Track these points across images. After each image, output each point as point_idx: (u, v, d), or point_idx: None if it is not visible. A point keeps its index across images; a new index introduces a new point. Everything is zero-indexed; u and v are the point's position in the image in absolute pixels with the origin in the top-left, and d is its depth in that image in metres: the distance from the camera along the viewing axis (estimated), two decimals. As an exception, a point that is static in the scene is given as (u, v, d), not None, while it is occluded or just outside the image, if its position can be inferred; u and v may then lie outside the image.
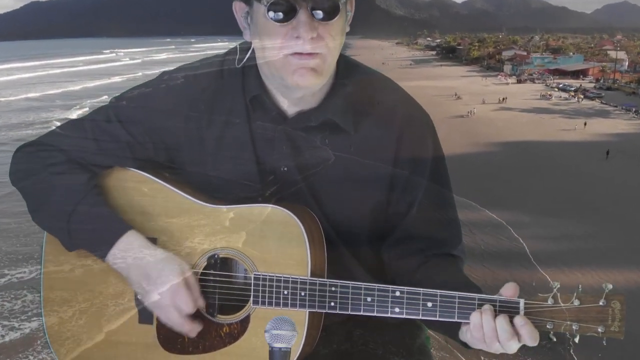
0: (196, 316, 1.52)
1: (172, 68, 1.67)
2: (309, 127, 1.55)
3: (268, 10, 1.41)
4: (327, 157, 1.55)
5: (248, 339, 1.50)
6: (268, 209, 1.50)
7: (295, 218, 1.48)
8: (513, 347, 1.38)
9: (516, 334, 1.37)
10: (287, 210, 1.49)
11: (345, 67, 1.60)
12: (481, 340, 1.40)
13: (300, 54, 1.42)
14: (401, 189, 1.58)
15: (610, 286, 1.36)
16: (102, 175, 1.62)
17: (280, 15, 1.40)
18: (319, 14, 1.40)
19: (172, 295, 1.48)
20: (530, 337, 1.37)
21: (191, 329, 1.51)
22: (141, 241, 1.53)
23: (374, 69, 1.67)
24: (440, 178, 1.61)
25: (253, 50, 1.54)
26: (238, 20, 1.52)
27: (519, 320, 1.37)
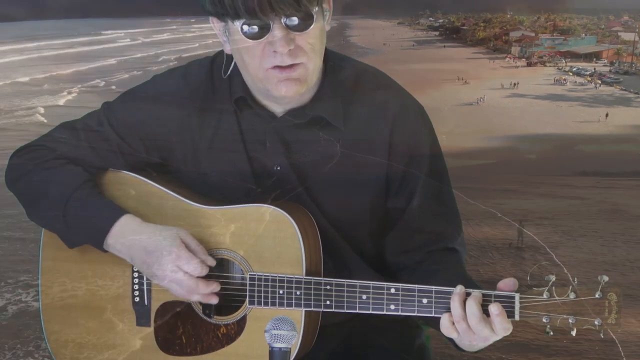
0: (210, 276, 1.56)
1: (162, 72, 1.73)
2: (298, 124, 1.60)
3: (242, 29, 1.45)
4: (319, 154, 1.61)
5: (245, 339, 1.56)
6: (261, 208, 1.56)
7: (289, 217, 1.53)
8: (485, 332, 1.41)
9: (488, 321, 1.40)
10: (280, 210, 1.55)
11: (334, 62, 1.64)
12: (453, 329, 1.44)
13: (281, 67, 1.47)
14: (398, 183, 1.63)
15: (606, 278, 1.42)
16: (96, 178, 1.68)
17: (255, 31, 1.45)
18: (293, 25, 1.44)
19: (176, 261, 1.52)
20: (501, 327, 1.40)
21: (209, 289, 1.54)
22: (137, 221, 1.59)
23: (364, 63, 1.72)
24: (438, 169, 1.66)
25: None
26: (217, 34, 1.57)
27: (493, 308, 1.40)
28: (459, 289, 1.44)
